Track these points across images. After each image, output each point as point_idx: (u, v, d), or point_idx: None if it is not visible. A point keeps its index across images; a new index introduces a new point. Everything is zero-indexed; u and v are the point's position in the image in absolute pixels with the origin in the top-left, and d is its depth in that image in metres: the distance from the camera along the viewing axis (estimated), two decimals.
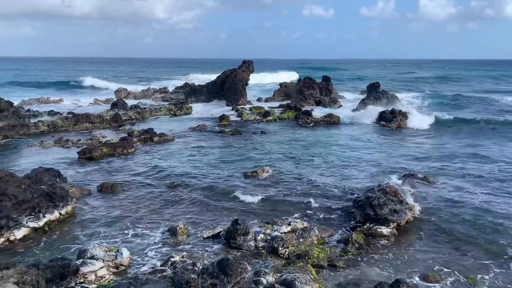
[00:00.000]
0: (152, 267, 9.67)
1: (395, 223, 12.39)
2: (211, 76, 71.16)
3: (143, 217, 13.50)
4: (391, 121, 31.77)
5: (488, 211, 13.90)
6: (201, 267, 9.06)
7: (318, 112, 36.34)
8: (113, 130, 29.32)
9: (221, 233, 11.91)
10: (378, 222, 12.41)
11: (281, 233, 11.84)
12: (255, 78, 66.01)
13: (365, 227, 12.37)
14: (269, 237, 11.62)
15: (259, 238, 11.60)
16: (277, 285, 8.12)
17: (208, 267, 8.56)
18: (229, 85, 44.22)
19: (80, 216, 13.52)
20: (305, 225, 12.39)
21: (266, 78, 77.94)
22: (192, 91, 48.58)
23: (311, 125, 31.56)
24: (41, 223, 12.24)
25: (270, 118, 34.14)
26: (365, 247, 11.31)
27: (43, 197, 12.80)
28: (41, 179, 14.30)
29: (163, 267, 9.40)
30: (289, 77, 75.75)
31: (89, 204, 14.61)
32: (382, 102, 39.64)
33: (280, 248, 10.92)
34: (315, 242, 11.44)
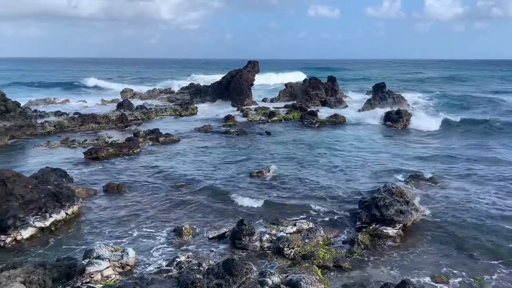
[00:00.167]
0: (158, 267, 9.70)
1: (401, 224, 12.33)
2: (215, 76, 70.95)
3: (148, 217, 13.54)
4: (397, 121, 31.63)
5: (495, 213, 13.81)
6: (206, 267, 9.07)
7: (324, 113, 36.24)
8: (119, 130, 29.43)
9: (227, 234, 11.92)
10: (384, 223, 12.35)
11: (287, 233, 11.83)
12: (261, 79, 65.61)
13: (371, 228, 12.33)
14: (274, 238, 11.61)
15: (264, 238, 11.60)
16: (283, 286, 8.11)
17: (214, 268, 8.56)
18: (234, 85, 44.25)
19: (86, 216, 13.59)
20: (311, 226, 12.36)
21: (272, 78, 76.58)
22: (197, 91, 48.66)
23: (316, 125, 31.49)
24: (47, 223, 12.32)
25: (275, 118, 34.12)
26: (371, 248, 11.28)
27: (49, 197, 12.88)
28: (48, 179, 14.39)
29: (169, 267, 9.43)
30: (296, 77, 73.96)
31: (95, 204, 14.68)
32: (388, 103, 39.46)
33: (286, 249, 10.91)
34: (321, 242, 11.41)
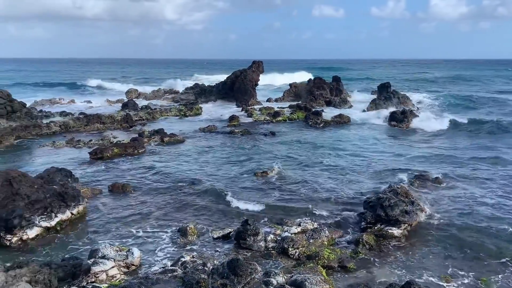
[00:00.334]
0: (163, 267, 9.73)
1: (406, 224, 12.28)
2: (218, 76, 70.60)
3: (153, 217, 13.57)
4: (402, 121, 31.50)
5: (500, 213, 13.72)
6: (211, 267, 9.08)
7: (329, 113, 36.18)
8: (124, 130, 29.53)
9: (231, 234, 11.92)
10: (389, 223, 12.30)
11: (291, 233, 11.81)
12: (265, 79, 65.12)
13: (376, 228, 12.28)
14: (279, 238, 11.60)
15: (269, 238, 11.59)
16: (287, 286, 8.10)
17: (218, 268, 8.57)
18: (239, 85, 44.27)
19: (92, 216, 13.64)
20: (315, 226, 12.34)
21: (277, 79, 75.61)
22: (202, 91, 48.72)
23: (321, 125, 31.43)
24: (53, 223, 12.38)
25: (280, 118, 34.09)
26: (376, 248, 11.24)
27: (55, 197, 12.94)
28: (53, 179, 14.45)
29: (174, 267, 9.46)
30: (302, 77, 72.68)
31: (100, 204, 14.73)
32: (393, 102, 39.31)
33: (290, 249, 10.89)
34: (326, 243, 11.39)
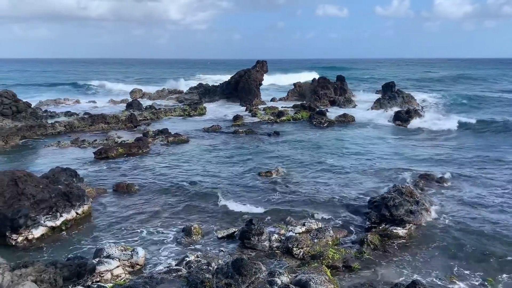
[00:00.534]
0: (167, 267, 9.75)
1: (411, 224, 12.24)
2: (221, 76, 70.28)
3: (158, 216, 13.59)
4: (406, 121, 31.42)
5: (507, 213, 13.64)
6: (215, 267, 9.08)
7: (333, 112, 36.14)
8: (128, 130, 29.60)
9: (236, 233, 11.91)
10: (393, 223, 12.26)
11: (296, 233, 11.80)
12: (270, 79, 64.82)
13: (380, 228, 12.24)
14: (283, 237, 11.58)
15: (273, 238, 11.58)
16: (292, 286, 8.09)
17: (223, 267, 8.57)
18: (243, 85, 44.28)
19: (96, 216, 13.69)
20: (320, 226, 12.32)
21: (282, 79, 74.67)
22: (206, 91, 48.77)
23: (325, 125, 31.38)
24: (58, 222, 12.43)
25: (284, 118, 34.05)
26: (381, 248, 11.20)
27: (60, 196, 12.99)
28: (58, 179, 14.51)
29: (178, 267, 9.47)
30: (308, 77, 72.01)
31: (105, 203, 14.78)
32: (397, 102, 39.22)
33: (295, 249, 10.88)
34: (330, 242, 11.37)
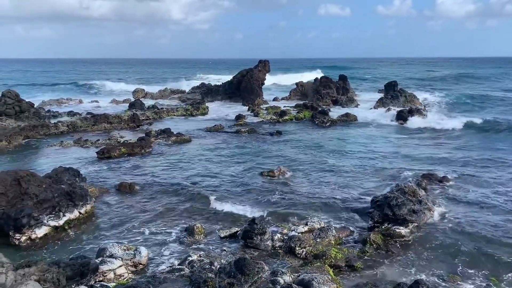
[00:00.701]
0: (170, 266, 9.76)
1: (414, 224, 12.21)
2: (224, 76, 70.08)
3: (160, 216, 13.60)
4: (409, 120, 31.36)
5: (510, 213, 13.59)
6: (218, 266, 9.09)
7: (335, 112, 36.11)
8: (131, 130, 29.65)
9: (238, 233, 11.91)
10: (396, 223, 12.23)
11: (298, 233, 11.79)
12: (273, 78, 64.46)
13: (383, 227, 12.21)
14: (286, 237, 11.58)
15: (276, 237, 11.58)
16: (295, 285, 8.09)
17: (226, 267, 8.57)
18: (245, 85, 44.29)
19: (99, 215, 13.71)
20: (322, 225, 12.31)
21: (285, 78, 74.31)
22: (208, 91, 48.81)
23: (327, 124, 31.34)
24: (61, 222, 12.46)
25: (286, 117, 34.03)
26: (383, 248, 11.17)
27: (63, 196, 13.02)
28: (61, 179, 14.55)
29: (181, 266, 9.48)
30: (311, 76, 71.27)
31: (108, 203, 14.81)
32: (400, 101, 39.14)
33: (297, 248, 10.88)
34: (333, 242, 11.36)
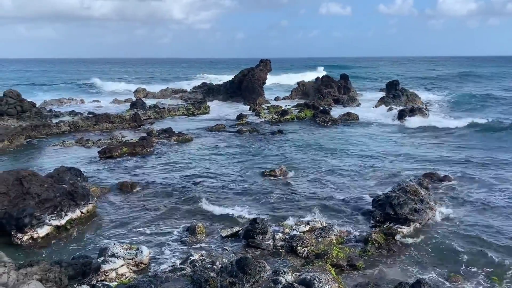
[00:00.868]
0: (172, 266, 9.77)
1: (415, 223, 12.20)
2: (225, 76, 70.00)
3: (162, 215, 13.62)
4: (410, 119, 31.31)
5: None
6: (220, 265, 9.10)
7: (337, 111, 36.09)
8: (132, 129, 29.66)
9: (240, 232, 11.91)
10: (398, 222, 12.23)
11: (300, 232, 11.78)
12: (274, 78, 64.20)
13: (385, 226, 12.21)
14: (287, 236, 11.58)
15: (277, 237, 11.58)
16: (296, 285, 8.08)
17: (227, 266, 8.58)
18: (246, 84, 44.28)
19: (101, 215, 13.73)
20: (324, 224, 12.30)
21: (286, 77, 74.11)
22: (209, 90, 48.84)
23: (329, 123, 31.32)
24: (63, 222, 12.48)
25: (287, 117, 34.01)
26: (385, 247, 11.16)
27: (65, 196, 13.04)
28: (63, 178, 14.56)
29: (183, 266, 9.49)
30: (313, 75, 70.38)
31: (110, 202, 14.83)
32: (401, 100, 39.10)
33: (299, 247, 10.88)
34: (334, 241, 11.36)
